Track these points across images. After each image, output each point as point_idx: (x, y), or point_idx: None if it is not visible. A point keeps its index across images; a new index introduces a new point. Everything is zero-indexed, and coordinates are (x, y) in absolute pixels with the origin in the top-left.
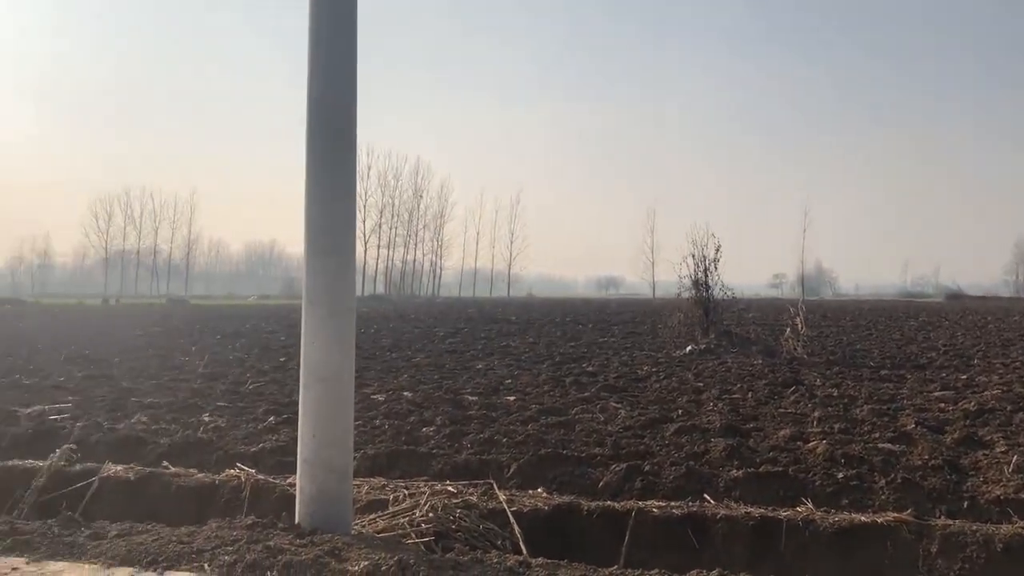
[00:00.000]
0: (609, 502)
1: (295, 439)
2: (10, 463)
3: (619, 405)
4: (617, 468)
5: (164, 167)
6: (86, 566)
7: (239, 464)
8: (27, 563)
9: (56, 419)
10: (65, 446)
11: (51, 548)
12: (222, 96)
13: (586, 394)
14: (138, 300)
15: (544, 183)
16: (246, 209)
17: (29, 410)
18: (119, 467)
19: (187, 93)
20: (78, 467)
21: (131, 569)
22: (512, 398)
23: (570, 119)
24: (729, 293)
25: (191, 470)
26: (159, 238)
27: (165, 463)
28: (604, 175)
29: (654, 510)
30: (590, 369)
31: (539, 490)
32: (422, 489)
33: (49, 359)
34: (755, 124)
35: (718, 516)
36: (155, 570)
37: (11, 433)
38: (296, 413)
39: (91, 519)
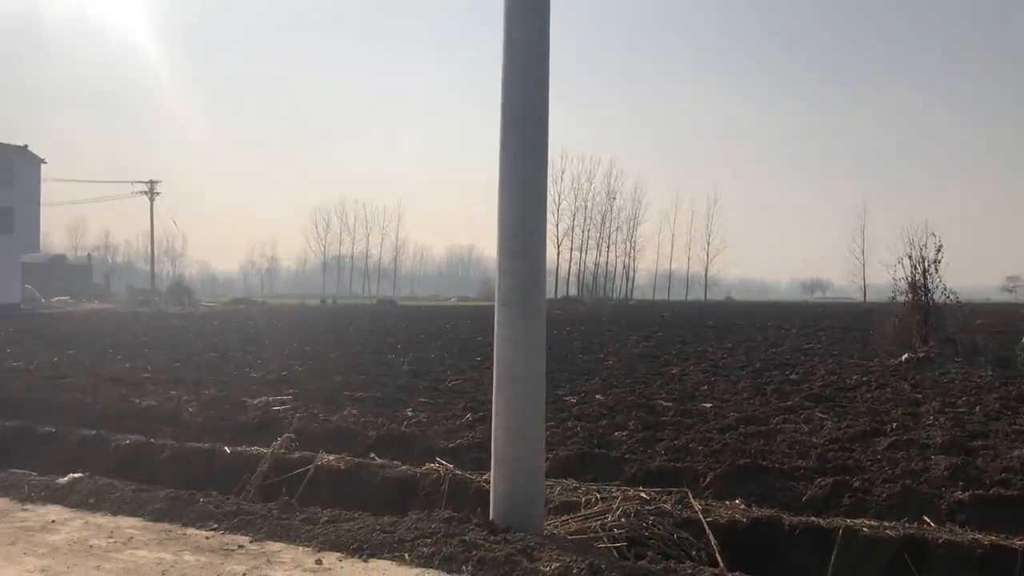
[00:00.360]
0: (813, 518)
1: (491, 437)
2: (240, 448)
3: (825, 416)
4: (822, 483)
5: (375, 178)
6: (300, 548)
7: (439, 458)
8: (250, 542)
9: (278, 409)
10: (285, 435)
11: (271, 530)
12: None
13: (789, 403)
14: (351, 301)
15: (744, 182)
16: (447, 215)
17: (256, 401)
18: (331, 456)
19: (396, 104)
20: (296, 455)
21: (339, 554)
22: (708, 405)
23: (772, 116)
24: (952, 297)
25: (395, 462)
26: (370, 244)
27: (372, 454)
28: (809, 173)
29: (864, 529)
30: (793, 377)
31: (736, 501)
32: (614, 493)
33: (274, 354)
34: (982, 113)
35: (940, 541)
36: (360, 557)
37: (241, 421)
38: (492, 412)
39: (306, 504)
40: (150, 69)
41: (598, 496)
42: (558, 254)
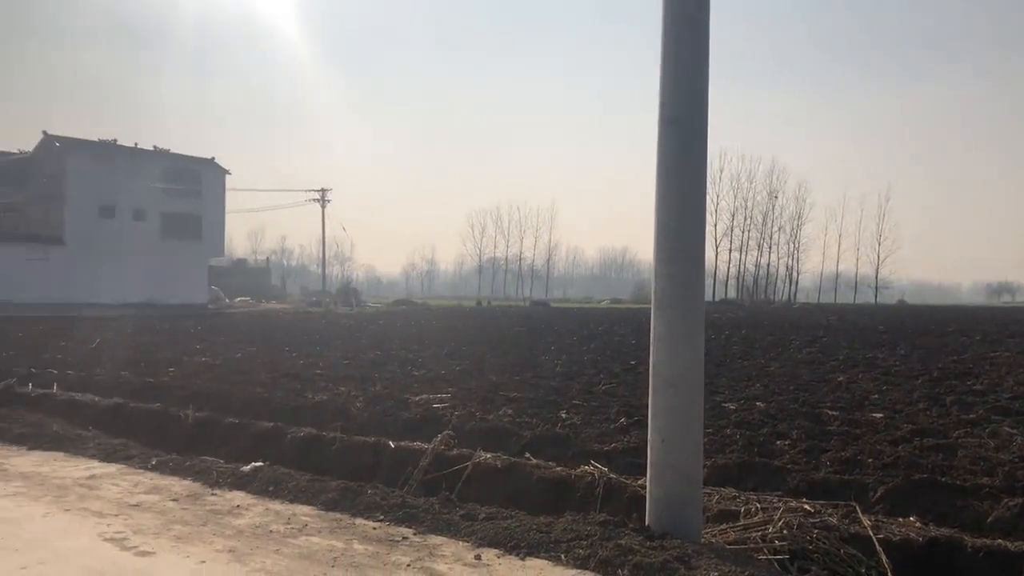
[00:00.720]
0: (1000, 540)
1: (645, 441)
2: (403, 443)
3: (1014, 431)
4: (1011, 503)
5: (528, 180)
6: (460, 543)
7: (593, 461)
8: (414, 534)
9: (438, 407)
10: (445, 432)
11: (433, 523)
12: (579, 108)
13: (971, 415)
14: (505, 302)
15: (920, 179)
16: (601, 217)
17: (417, 398)
18: (488, 455)
19: (548, 107)
20: (455, 451)
21: (497, 551)
22: (879, 415)
23: (952, 106)
24: None
25: (550, 463)
26: (524, 246)
27: (527, 454)
28: (997, 167)
29: None
30: (977, 387)
31: (911, 519)
32: (776, 504)
33: (434, 354)
34: None
35: None
36: (517, 555)
37: (404, 417)
38: (646, 416)
39: (464, 500)
40: (322, 86)
41: (758, 506)
42: (716, 255)
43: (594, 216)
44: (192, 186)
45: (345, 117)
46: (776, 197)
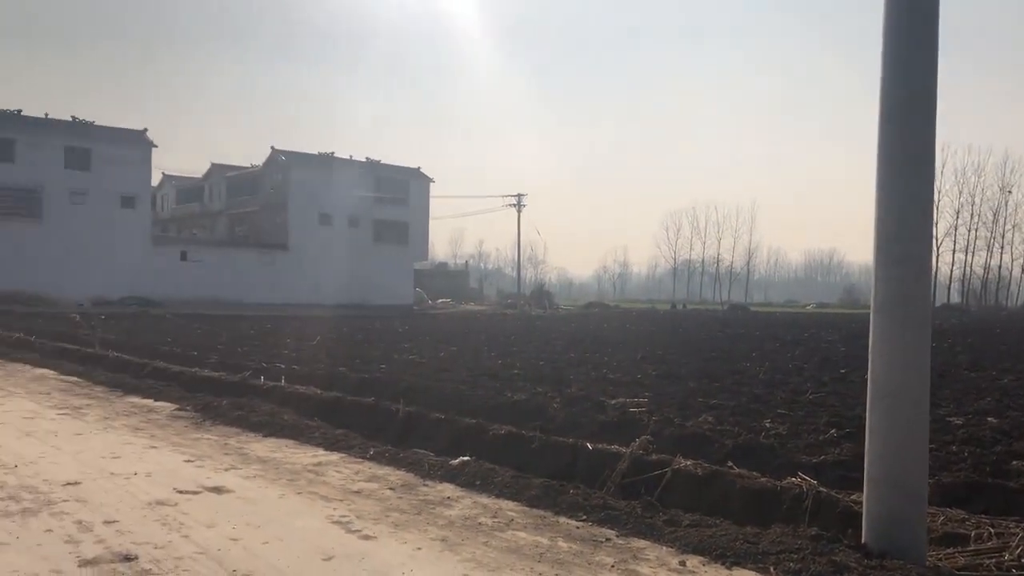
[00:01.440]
0: None
1: (858, 455)
2: (600, 446)
3: None
4: None
5: (726, 179)
6: (663, 548)
7: (800, 473)
8: (617, 536)
9: (635, 411)
10: (643, 436)
11: (635, 526)
12: (780, 104)
13: None
14: (701, 306)
15: None
16: (805, 217)
17: (613, 401)
18: (688, 461)
19: (746, 103)
20: (653, 457)
21: (701, 558)
22: None
23: None
24: None
25: (753, 473)
26: (721, 248)
27: (729, 463)
28: None
29: None
30: None
31: None
32: (1012, 530)
33: (628, 358)
34: None
35: None
36: (723, 563)
37: (600, 420)
38: (860, 428)
39: (664, 505)
40: (514, 92)
41: (991, 531)
42: (938, 257)
43: (798, 216)
44: (400, 195)
45: (538, 122)
46: (1010, 192)
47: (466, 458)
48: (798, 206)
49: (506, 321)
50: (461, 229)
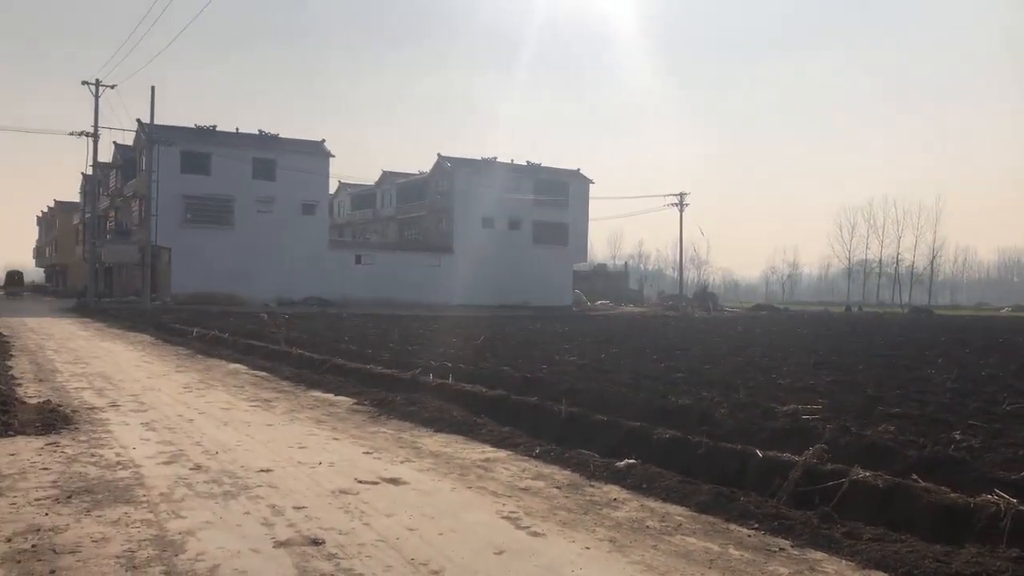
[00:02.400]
0: None
1: None
2: (771, 454)
3: None
4: None
5: (907, 174)
6: (842, 561)
7: (997, 490)
8: (791, 546)
9: (807, 419)
10: (817, 445)
11: (811, 538)
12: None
13: None
14: (879, 309)
15: None
16: (999, 213)
17: (784, 408)
18: (867, 473)
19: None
20: (828, 466)
21: (885, 575)
22: None
23: None
24: None
25: (941, 488)
26: (901, 246)
27: (913, 476)
28: None
29: None
30: None
31: None
32: None
33: (800, 363)
34: None
35: None
36: None
37: (770, 427)
38: None
39: (841, 517)
40: (674, 95)
41: None
42: None
43: (990, 212)
44: (560, 196)
45: (696, 121)
46: None
47: (631, 461)
48: (990, 201)
49: (668, 323)
50: (620, 230)
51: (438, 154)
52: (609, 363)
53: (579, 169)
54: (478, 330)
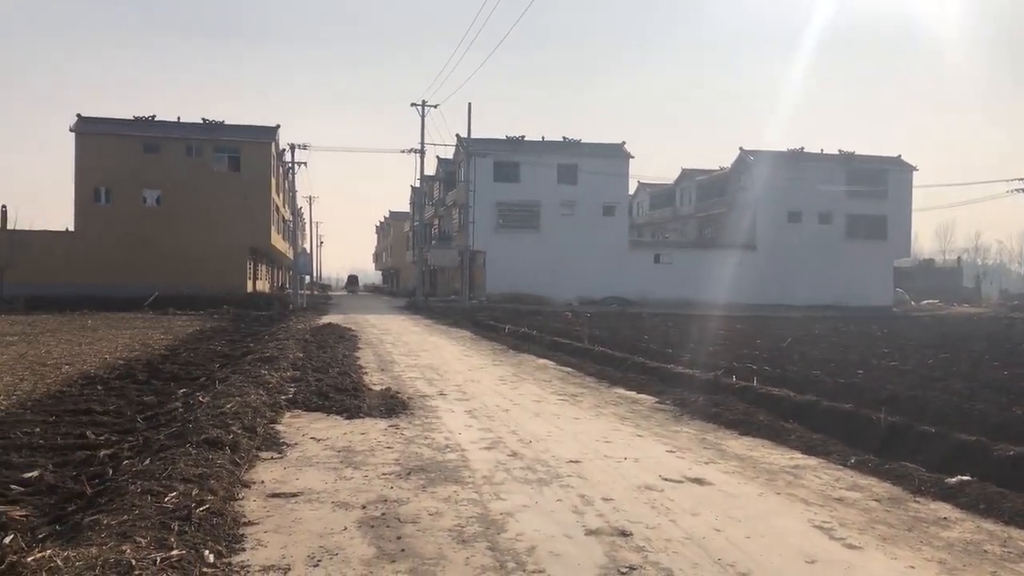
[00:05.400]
0: None
1: None
2: None
3: None
4: None
5: None
6: None
7: None
8: None
9: None
10: None
11: None
12: None
13: None
14: None
15: None
16: None
17: None
18: None
19: None
20: None
21: None
22: None
23: None
24: None
25: None
26: None
27: None
28: None
29: None
30: None
31: None
32: None
33: None
34: None
35: None
36: None
37: None
38: None
39: None
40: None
41: None
42: None
43: None
44: (877, 186)
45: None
46: None
47: (965, 477)
48: None
49: (1013, 325)
50: (952, 221)
51: (740, 148)
52: (938, 370)
53: (899, 156)
54: (784, 331)
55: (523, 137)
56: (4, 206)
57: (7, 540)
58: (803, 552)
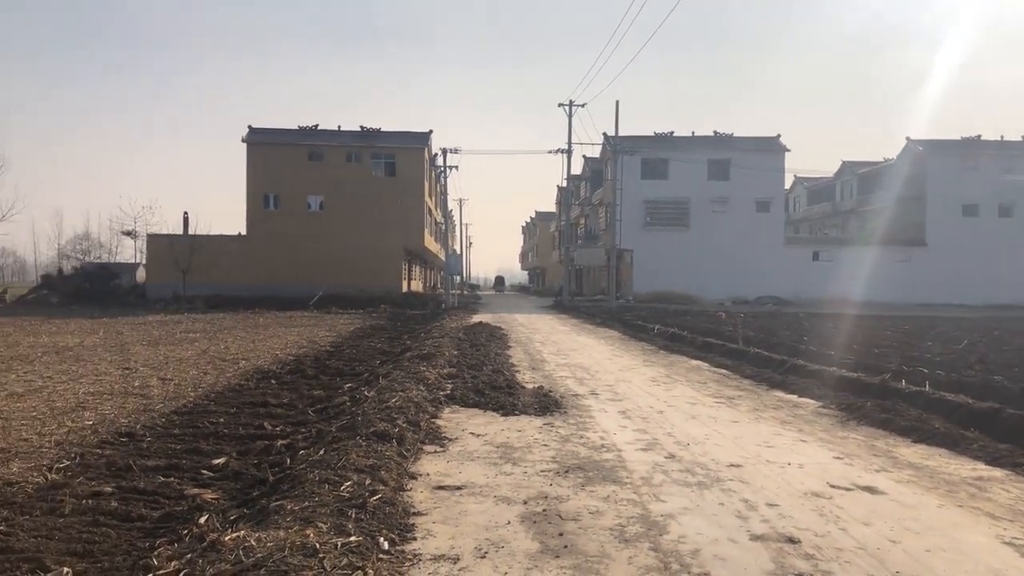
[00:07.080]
0: None
1: None
2: None
3: None
4: None
5: None
6: None
7: None
8: None
9: None
10: None
11: None
12: None
13: None
14: None
15: None
16: None
17: None
18: None
19: None
20: None
21: None
22: None
23: None
24: None
25: None
26: None
27: None
28: None
29: None
30: None
31: None
32: None
33: None
34: None
35: None
36: None
37: None
38: None
39: None
40: None
41: None
42: None
43: None
44: None
45: None
46: None
47: None
48: None
49: None
50: None
51: (907, 138)
52: None
53: None
54: (959, 333)
55: (672, 133)
56: (186, 212)
57: (202, 520)
58: (991, 569)
